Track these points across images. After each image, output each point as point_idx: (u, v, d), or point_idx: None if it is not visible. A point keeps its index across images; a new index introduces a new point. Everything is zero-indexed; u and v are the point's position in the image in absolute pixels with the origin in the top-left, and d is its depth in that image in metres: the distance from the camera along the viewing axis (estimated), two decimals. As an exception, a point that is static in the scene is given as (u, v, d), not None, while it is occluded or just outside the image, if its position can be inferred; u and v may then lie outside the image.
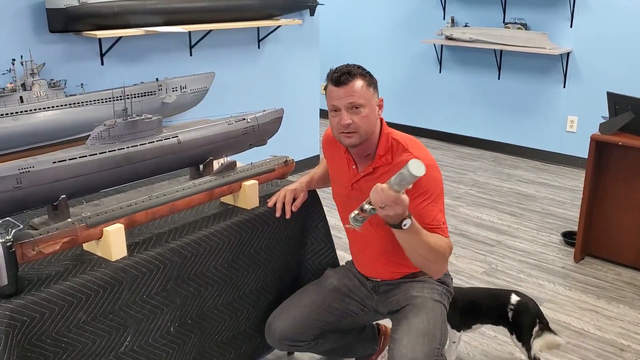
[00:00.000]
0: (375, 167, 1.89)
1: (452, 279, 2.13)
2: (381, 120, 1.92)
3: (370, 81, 1.85)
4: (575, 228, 3.54)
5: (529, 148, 5.40)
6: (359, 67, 1.86)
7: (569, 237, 3.65)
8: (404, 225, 1.67)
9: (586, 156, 3.30)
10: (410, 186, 1.63)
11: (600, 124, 3.22)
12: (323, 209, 2.23)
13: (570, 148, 5.14)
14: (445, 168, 5.04)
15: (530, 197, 4.45)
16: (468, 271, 3.30)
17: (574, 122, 5.11)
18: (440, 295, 2.00)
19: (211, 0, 3.71)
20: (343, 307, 2.05)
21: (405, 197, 1.61)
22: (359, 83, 1.81)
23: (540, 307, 2.29)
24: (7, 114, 2.67)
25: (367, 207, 1.66)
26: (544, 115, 5.26)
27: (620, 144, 3.15)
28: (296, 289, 2.20)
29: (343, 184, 1.99)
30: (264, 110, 2.26)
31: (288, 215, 2.05)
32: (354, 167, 1.95)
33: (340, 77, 1.81)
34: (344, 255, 2.43)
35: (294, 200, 2.07)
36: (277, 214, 2.04)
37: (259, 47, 4.31)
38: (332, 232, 2.30)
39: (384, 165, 1.88)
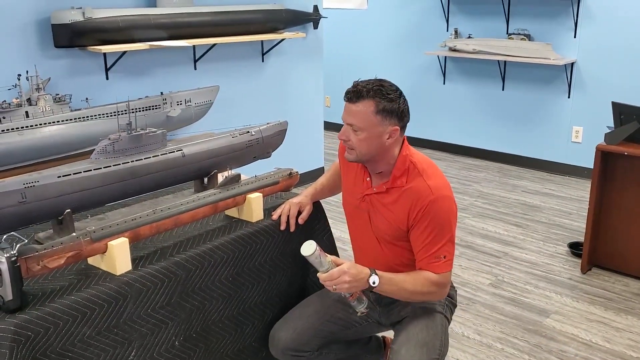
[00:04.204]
0: (389, 187, 1.87)
1: (456, 290, 2.13)
2: (404, 140, 1.89)
3: (385, 107, 1.77)
4: (581, 239, 3.52)
5: (534, 159, 5.39)
6: (381, 88, 1.78)
7: (575, 248, 3.62)
8: (373, 283, 1.73)
9: (592, 166, 3.29)
10: (328, 260, 1.70)
11: (605, 134, 3.21)
12: (327, 221, 2.22)
13: (575, 158, 5.12)
14: (450, 179, 5.03)
15: (536, 208, 4.43)
16: (474, 283, 3.28)
17: (579, 132, 5.10)
18: (442, 306, 2.00)
19: (215, 15, 3.73)
20: (346, 317, 2.04)
21: (335, 270, 1.69)
22: (365, 106, 1.77)
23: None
24: (12, 128, 2.69)
25: (343, 295, 1.78)
26: (549, 126, 5.25)
27: (626, 153, 3.14)
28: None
29: (355, 194, 1.98)
30: (268, 123, 2.27)
31: (292, 229, 2.05)
32: (368, 179, 1.93)
33: (349, 94, 1.80)
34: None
35: (300, 213, 2.07)
36: (282, 227, 2.03)
37: (263, 61, 4.33)
38: (337, 244, 2.30)
39: (398, 187, 1.86)
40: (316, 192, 2.16)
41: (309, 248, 1.68)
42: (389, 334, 2.13)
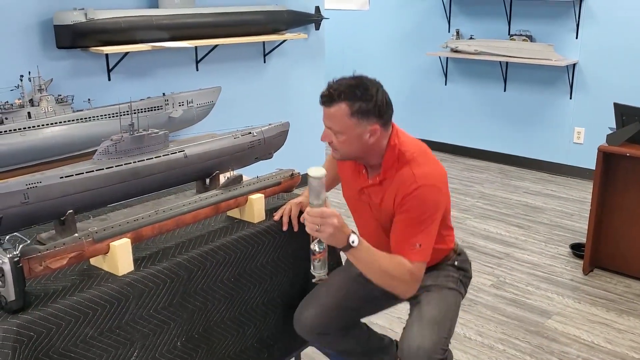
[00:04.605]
0: (382, 179, 1.87)
1: (470, 263, 2.12)
2: (393, 129, 1.85)
3: (359, 108, 1.72)
4: (583, 240, 3.51)
5: (535, 160, 5.38)
6: (353, 88, 1.72)
7: (577, 249, 3.62)
8: (352, 242, 1.68)
9: (594, 167, 3.29)
10: (324, 193, 1.66)
11: (607, 135, 3.21)
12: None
13: (577, 159, 5.12)
14: (452, 180, 5.03)
15: (538, 209, 4.43)
16: (476, 284, 3.28)
17: (580, 133, 5.09)
18: (456, 282, 2.00)
19: (217, 16, 3.74)
20: (367, 292, 2.02)
21: (329, 210, 1.63)
22: (339, 110, 1.73)
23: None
24: (15, 129, 2.69)
25: (313, 246, 1.70)
26: (550, 127, 5.25)
27: (628, 154, 3.14)
28: (303, 304, 2.20)
29: (353, 187, 1.97)
30: (269, 124, 2.27)
31: (296, 229, 2.05)
32: (364, 172, 1.92)
33: (322, 98, 1.76)
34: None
35: (302, 212, 2.06)
36: (284, 228, 2.03)
37: (264, 62, 4.33)
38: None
39: (389, 178, 1.84)
40: None
41: (318, 171, 1.62)
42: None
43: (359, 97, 1.72)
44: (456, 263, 2.08)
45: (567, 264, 3.54)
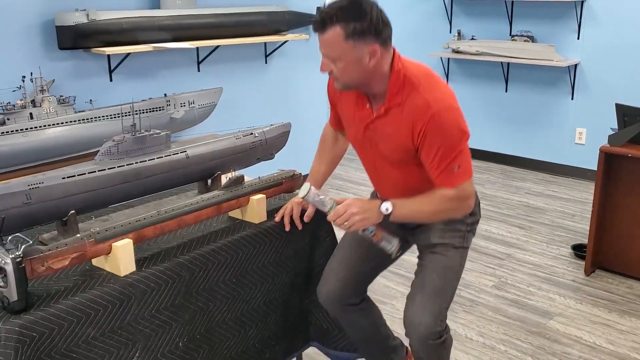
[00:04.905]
0: (387, 108, 1.75)
1: (479, 202, 2.03)
2: (394, 54, 1.73)
3: (354, 30, 1.61)
4: (585, 241, 3.51)
5: (537, 160, 5.38)
6: (344, 8, 1.61)
7: (579, 250, 3.62)
8: (386, 210, 1.69)
9: (595, 168, 3.28)
10: (328, 201, 1.69)
11: (609, 136, 3.21)
12: (331, 223, 2.22)
13: (579, 160, 5.12)
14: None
15: (540, 210, 4.43)
16: (477, 285, 3.28)
17: (582, 134, 5.09)
18: (463, 237, 1.95)
19: (218, 17, 3.74)
20: (380, 248, 2.02)
21: (339, 206, 1.69)
22: (333, 34, 1.62)
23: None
24: (17, 130, 2.70)
25: (365, 235, 1.75)
26: (552, 128, 5.25)
27: (629, 155, 3.14)
28: (304, 304, 2.20)
29: (358, 126, 1.86)
30: (271, 125, 2.27)
31: (300, 227, 2.03)
32: (368, 106, 1.81)
33: (315, 24, 1.65)
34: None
35: (305, 211, 2.04)
36: (287, 229, 2.03)
37: (266, 62, 4.34)
38: (341, 245, 2.30)
39: (395, 106, 1.74)
40: (317, 182, 2.10)
41: (304, 189, 1.66)
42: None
43: (353, 18, 1.61)
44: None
45: (569, 264, 3.54)
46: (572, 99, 5.09)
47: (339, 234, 2.25)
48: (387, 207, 1.69)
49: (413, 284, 1.94)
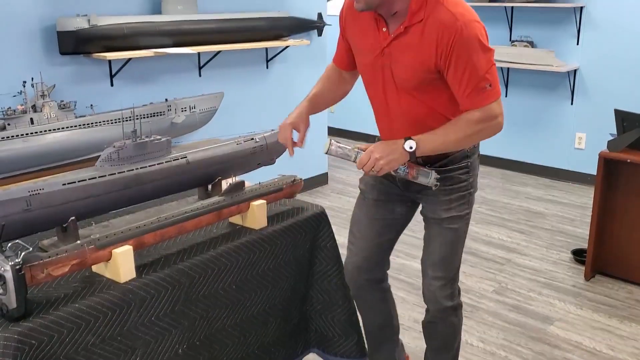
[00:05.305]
0: (407, 26, 1.70)
1: (478, 154, 2.02)
2: None
3: None
4: (585, 246, 3.51)
5: (537, 165, 5.38)
6: None
7: (579, 255, 3.62)
8: (411, 148, 1.71)
9: (595, 173, 3.28)
10: (352, 151, 1.73)
11: (608, 142, 3.21)
12: (332, 228, 2.22)
13: (578, 165, 5.12)
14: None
15: (540, 215, 4.43)
16: (477, 290, 3.27)
17: (582, 139, 5.09)
18: (468, 202, 1.98)
19: (220, 22, 3.75)
20: (392, 214, 2.06)
21: (363, 154, 1.72)
22: None
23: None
24: (17, 135, 2.70)
25: (399, 175, 1.79)
26: (552, 133, 5.25)
27: (628, 161, 3.14)
28: (304, 311, 2.20)
29: (372, 51, 1.80)
30: (272, 130, 2.27)
31: (291, 154, 1.94)
32: (384, 29, 1.76)
33: None
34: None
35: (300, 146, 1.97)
36: (291, 154, 1.94)
37: (267, 67, 4.34)
38: (341, 251, 2.29)
39: (416, 23, 1.69)
40: (311, 105, 2.02)
41: (325, 146, 1.72)
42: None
43: None
44: (470, 162, 1.95)
45: (569, 269, 3.54)
46: (572, 104, 5.09)
47: (339, 239, 2.26)
48: (410, 145, 1.69)
49: (423, 258, 2.04)
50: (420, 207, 2.06)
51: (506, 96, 5.44)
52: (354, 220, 2.14)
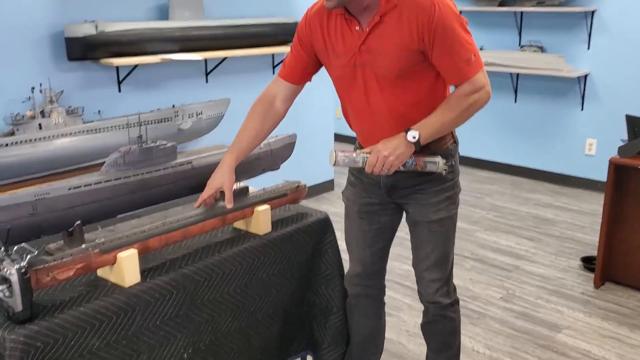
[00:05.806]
0: (382, 14, 1.71)
1: (458, 154, 2.01)
2: None
3: None
4: (594, 253, 3.48)
5: (547, 171, 5.35)
6: None
7: (588, 262, 3.58)
8: (414, 138, 1.70)
9: (605, 179, 3.26)
10: (359, 157, 1.72)
11: (619, 148, 3.19)
12: (335, 234, 2.22)
13: (589, 171, 5.08)
14: (462, 192, 5.01)
15: (549, 221, 4.40)
16: (485, 297, 3.25)
17: (592, 145, 5.06)
18: (454, 202, 1.98)
19: (226, 28, 3.77)
20: (378, 224, 2.06)
21: (370, 156, 1.71)
22: None
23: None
24: (26, 140, 2.72)
25: (408, 169, 1.77)
26: (562, 138, 5.22)
27: (639, 167, 3.11)
28: (307, 315, 2.19)
29: (347, 52, 1.81)
30: (277, 136, 2.28)
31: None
32: (357, 27, 1.77)
33: None
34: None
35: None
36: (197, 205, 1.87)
37: (274, 73, 4.35)
38: (343, 256, 2.29)
39: (391, 10, 1.70)
40: (235, 156, 1.95)
41: (331, 157, 1.71)
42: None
43: None
44: (453, 161, 1.95)
45: (578, 277, 3.51)
46: (582, 109, 5.06)
47: (341, 245, 2.25)
48: (413, 135, 1.70)
49: (415, 263, 2.05)
50: (405, 214, 2.06)
51: (515, 102, 5.42)
52: (345, 229, 2.16)
